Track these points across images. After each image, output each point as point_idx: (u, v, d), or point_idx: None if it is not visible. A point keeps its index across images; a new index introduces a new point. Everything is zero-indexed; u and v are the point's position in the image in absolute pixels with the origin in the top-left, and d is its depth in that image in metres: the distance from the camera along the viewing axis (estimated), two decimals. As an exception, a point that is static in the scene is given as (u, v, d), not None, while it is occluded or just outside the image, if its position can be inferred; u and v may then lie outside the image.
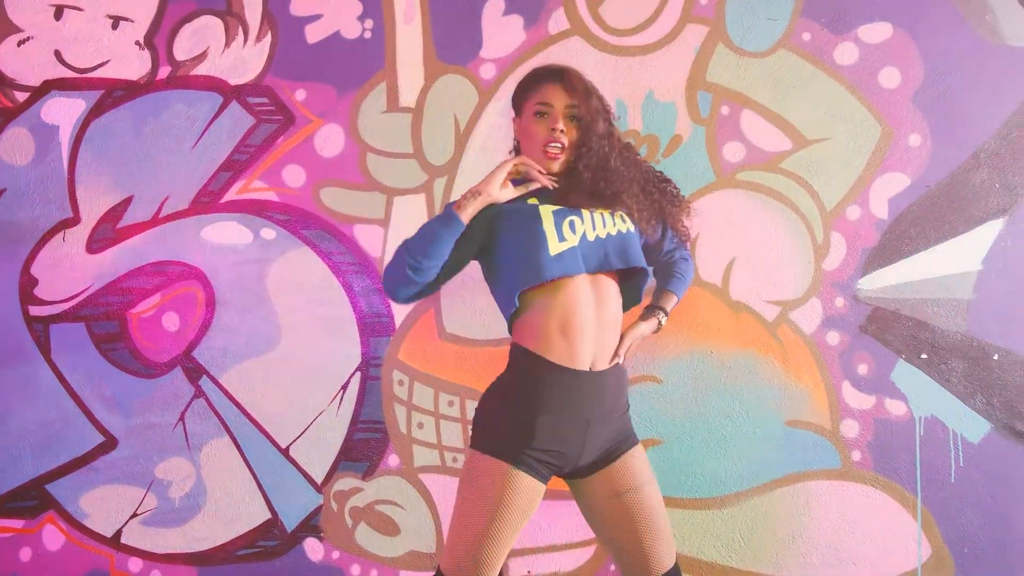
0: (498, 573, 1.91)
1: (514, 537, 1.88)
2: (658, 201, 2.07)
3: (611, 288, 1.97)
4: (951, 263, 2.54)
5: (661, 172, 2.12)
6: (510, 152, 2.20)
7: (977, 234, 2.54)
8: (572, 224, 1.92)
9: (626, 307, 2.05)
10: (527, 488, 1.86)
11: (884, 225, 2.55)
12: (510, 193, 1.96)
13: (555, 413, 1.87)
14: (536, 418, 1.86)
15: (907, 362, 2.54)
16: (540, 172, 1.97)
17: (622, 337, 1.99)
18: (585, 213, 1.95)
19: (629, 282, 2.06)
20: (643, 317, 2.07)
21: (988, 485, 2.52)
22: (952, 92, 2.54)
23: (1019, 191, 2.53)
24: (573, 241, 1.91)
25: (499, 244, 1.96)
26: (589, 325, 1.91)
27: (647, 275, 2.05)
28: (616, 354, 1.96)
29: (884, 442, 2.54)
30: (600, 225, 1.95)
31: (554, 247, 1.89)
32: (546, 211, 1.93)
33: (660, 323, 2.09)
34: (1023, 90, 2.53)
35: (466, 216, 1.90)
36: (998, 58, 2.54)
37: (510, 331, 1.97)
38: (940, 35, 2.55)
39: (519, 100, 2.07)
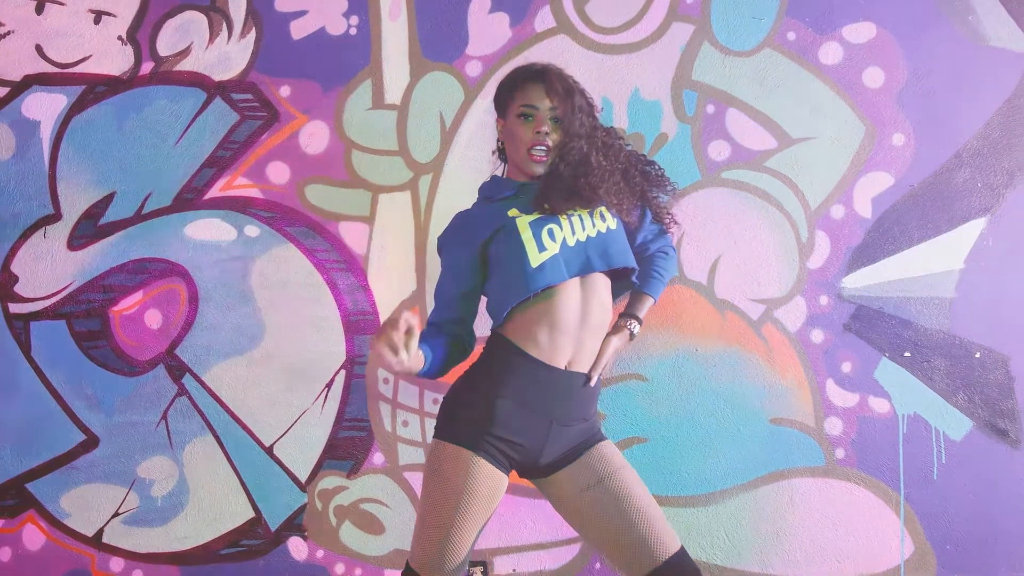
0: (465, 562, 1.91)
1: (479, 526, 1.88)
2: (640, 185, 2.07)
3: (600, 290, 1.97)
4: (934, 262, 2.56)
5: (645, 155, 2.12)
6: (493, 152, 2.19)
7: (959, 233, 2.56)
8: (551, 232, 1.92)
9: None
10: (489, 476, 1.86)
11: (868, 224, 2.57)
12: (413, 346, 1.69)
13: (518, 400, 1.87)
14: (497, 400, 1.87)
15: (890, 360, 2.55)
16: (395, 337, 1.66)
17: (600, 352, 1.97)
18: (563, 219, 1.93)
19: (625, 281, 2.06)
20: (615, 328, 2.06)
21: (970, 482, 2.54)
22: (935, 92, 2.56)
23: (1001, 190, 2.55)
24: (554, 249, 1.90)
25: (490, 265, 1.97)
26: (573, 328, 1.91)
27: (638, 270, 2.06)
28: (590, 376, 1.95)
29: (868, 440, 2.55)
30: (580, 228, 1.94)
31: (535, 258, 1.88)
32: (523, 223, 1.92)
33: (632, 333, 2.08)
34: (1005, 90, 2.55)
35: (414, 367, 1.80)
36: (980, 59, 2.56)
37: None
38: (923, 35, 2.56)
39: (502, 101, 2.06)
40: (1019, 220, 2.55)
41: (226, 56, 2.70)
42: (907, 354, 2.55)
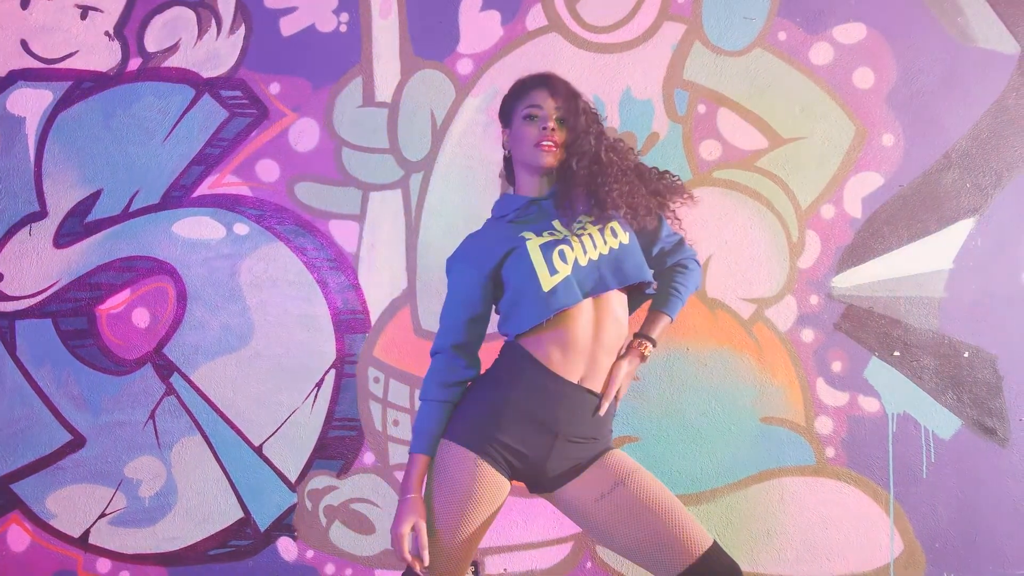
0: (467, 567, 1.90)
1: (481, 532, 1.87)
2: (655, 186, 2.04)
3: (615, 307, 1.93)
4: (923, 262, 2.57)
5: (656, 167, 2.10)
6: (500, 176, 2.16)
7: (948, 233, 2.57)
8: (562, 253, 1.88)
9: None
10: (492, 481, 1.85)
11: (858, 224, 2.58)
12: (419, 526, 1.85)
13: (525, 407, 1.86)
14: (504, 405, 1.85)
15: (880, 359, 2.57)
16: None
17: (610, 378, 1.93)
18: (574, 239, 1.90)
19: (641, 295, 2.03)
20: (627, 350, 2.00)
21: (959, 481, 2.55)
22: (925, 93, 2.57)
23: (989, 191, 2.57)
24: (565, 271, 1.87)
25: (503, 286, 1.94)
26: (586, 347, 1.89)
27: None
28: (600, 404, 1.92)
29: (857, 438, 2.57)
30: (591, 247, 1.90)
31: (546, 282, 1.85)
32: (533, 246, 1.89)
33: (644, 356, 2.01)
34: (994, 91, 2.57)
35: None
36: (969, 60, 2.57)
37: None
38: (913, 37, 2.58)
39: (506, 110, 2.04)
40: (1007, 220, 2.57)
41: (215, 52, 2.67)
42: (896, 353, 2.57)
